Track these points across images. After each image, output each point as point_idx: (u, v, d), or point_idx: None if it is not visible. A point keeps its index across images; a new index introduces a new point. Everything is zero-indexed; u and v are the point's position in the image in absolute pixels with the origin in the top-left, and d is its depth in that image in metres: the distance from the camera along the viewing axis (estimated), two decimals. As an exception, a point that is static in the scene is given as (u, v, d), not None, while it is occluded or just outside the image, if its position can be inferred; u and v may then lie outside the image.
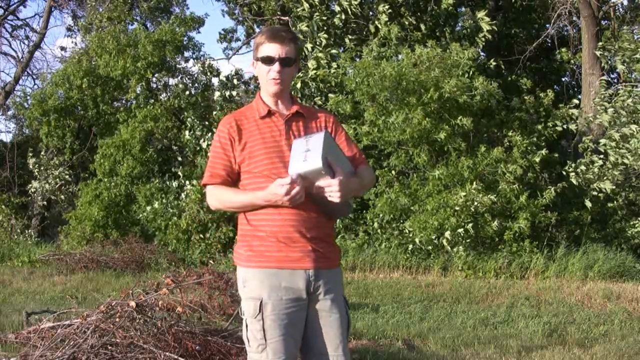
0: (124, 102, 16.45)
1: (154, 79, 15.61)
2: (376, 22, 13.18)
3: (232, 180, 2.74)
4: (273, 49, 2.70)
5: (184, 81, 15.75)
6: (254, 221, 2.67)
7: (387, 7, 13.03)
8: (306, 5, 13.50)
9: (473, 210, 10.43)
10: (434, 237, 10.50)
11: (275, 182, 2.55)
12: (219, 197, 2.73)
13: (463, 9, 16.10)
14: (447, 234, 10.36)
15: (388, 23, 12.87)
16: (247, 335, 2.64)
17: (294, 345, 2.63)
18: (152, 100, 15.17)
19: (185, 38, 15.87)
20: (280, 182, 2.53)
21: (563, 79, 17.55)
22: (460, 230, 10.35)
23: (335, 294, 2.70)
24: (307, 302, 2.65)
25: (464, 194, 10.42)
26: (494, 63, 12.75)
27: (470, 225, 10.36)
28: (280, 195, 2.52)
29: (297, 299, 2.62)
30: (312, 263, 2.64)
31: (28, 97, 16.43)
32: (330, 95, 12.74)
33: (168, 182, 13.77)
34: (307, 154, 2.53)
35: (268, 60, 2.71)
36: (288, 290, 2.61)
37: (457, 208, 10.38)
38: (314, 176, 2.54)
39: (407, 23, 13.48)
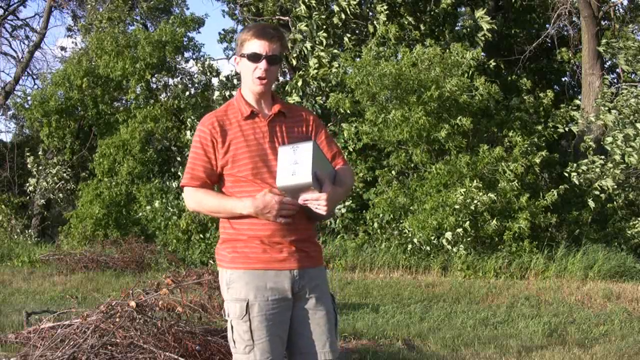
0: (124, 102, 16.46)
1: (153, 80, 15.61)
2: (375, 23, 13.16)
3: (212, 183, 2.71)
4: (260, 46, 2.64)
5: (184, 81, 15.75)
6: (237, 224, 2.66)
7: (385, 7, 13.02)
8: (303, 7, 13.51)
9: (472, 209, 10.42)
10: (432, 237, 10.49)
11: (268, 192, 2.58)
12: (199, 201, 2.69)
13: (463, 9, 16.09)
14: (447, 233, 10.35)
15: (386, 23, 12.86)
16: (232, 337, 2.64)
17: (280, 345, 2.64)
18: (152, 101, 15.17)
19: (186, 38, 15.87)
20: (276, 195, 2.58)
21: (563, 79, 17.55)
22: (460, 229, 10.34)
23: (321, 291, 2.70)
24: (292, 301, 2.65)
25: (463, 190, 10.41)
26: (493, 63, 12.75)
27: (469, 223, 10.35)
28: (271, 202, 2.55)
29: (282, 299, 2.62)
30: (297, 263, 2.64)
31: (28, 98, 16.43)
32: (331, 94, 12.74)
33: (168, 182, 13.78)
34: (295, 167, 2.51)
35: (255, 58, 2.64)
36: (274, 291, 2.61)
37: (456, 207, 10.38)
38: (302, 190, 2.55)
39: (406, 23, 13.47)
